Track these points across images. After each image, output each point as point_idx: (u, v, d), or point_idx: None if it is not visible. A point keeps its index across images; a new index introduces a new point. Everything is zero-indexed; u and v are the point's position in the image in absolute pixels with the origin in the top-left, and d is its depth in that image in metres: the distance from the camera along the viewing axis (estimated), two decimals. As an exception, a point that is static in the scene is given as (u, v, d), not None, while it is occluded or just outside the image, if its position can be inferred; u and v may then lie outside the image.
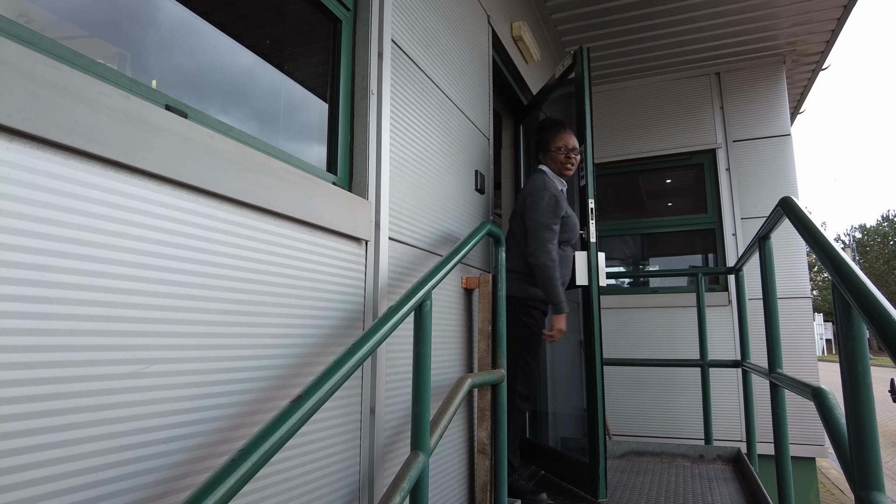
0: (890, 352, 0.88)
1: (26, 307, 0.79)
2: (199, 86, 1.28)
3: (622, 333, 4.78)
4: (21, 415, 0.78)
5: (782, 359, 2.38)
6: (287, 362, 1.29)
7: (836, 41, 4.39)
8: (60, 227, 0.84)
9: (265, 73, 1.50)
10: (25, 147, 0.80)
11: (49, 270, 0.82)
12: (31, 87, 0.79)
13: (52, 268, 0.82)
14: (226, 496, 0.87)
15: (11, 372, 0.77)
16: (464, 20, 2.56)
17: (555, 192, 2.59)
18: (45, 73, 0.81)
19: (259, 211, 1.23)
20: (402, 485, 1.39)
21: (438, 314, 2.11)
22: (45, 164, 0.82)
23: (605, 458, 2.57)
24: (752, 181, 4.62)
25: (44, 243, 0.82)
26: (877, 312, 0.99)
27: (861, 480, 1.18)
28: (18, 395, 0.78)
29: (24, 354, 0.79)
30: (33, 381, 0.79)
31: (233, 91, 1.39)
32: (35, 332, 0.80)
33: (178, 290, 1.03)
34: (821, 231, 1.52)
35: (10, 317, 0.77)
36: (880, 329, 0.95)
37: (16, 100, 0.77)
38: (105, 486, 0.88)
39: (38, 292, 0.81)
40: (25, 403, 0.78)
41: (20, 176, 0.79)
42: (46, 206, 0.82)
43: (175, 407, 1.02)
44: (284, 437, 0.99)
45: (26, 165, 0.80)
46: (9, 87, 0.77)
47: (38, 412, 0.80)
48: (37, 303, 0.80)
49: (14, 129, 0.77)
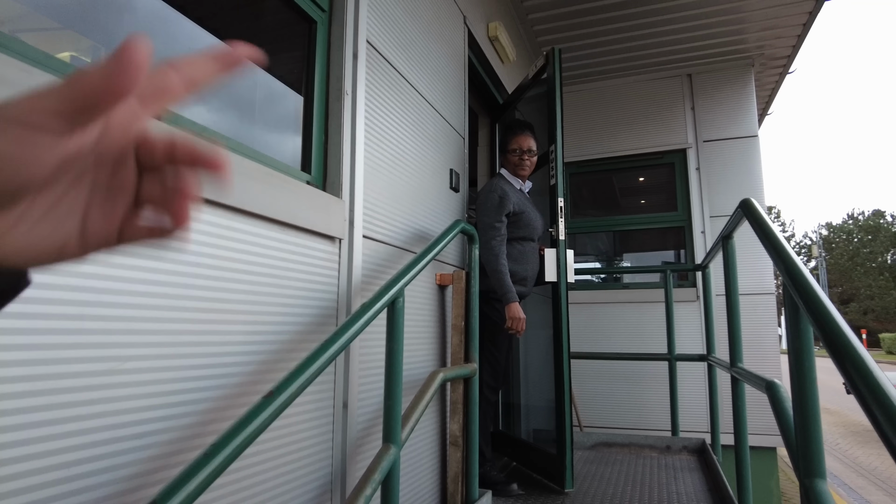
0: (830, 351, 0.95)
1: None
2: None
3: (594, 328, 4.89)
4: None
5: (743, 353, 2.48)
6: (260, 359, 1.32)
7: (801, 46, 4.53)
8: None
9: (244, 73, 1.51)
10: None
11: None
12: (3, 91, 0.81)
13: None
14: (198, 489, 0.91)
15: (-14, 370, 0.79)
16: (440, 21, 2.59)
17: (501, 194, 2.69)
18: (18, 78, 0.83)
19: (231, 210, 1.25)
20: (373, 476, 1.43)
21: (412, 310, 2.15)
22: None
23: (571, 450, 2.64)
24: (721, 180, 4.75)
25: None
26: (821, 315, 1.06)
27: (805, 468, 1.26)
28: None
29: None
30: (4, 380, 0.81)
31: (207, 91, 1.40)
32: (6, 331, 0.82)
33: (150, 288, 1.06)
34: (776, 233, 1.59)
35: (-16, 316, 0.79)
36: (823, 331, 1.02)
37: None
38: (77, 482, 0.90)
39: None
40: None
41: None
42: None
43: (148, 403, 1.04)
44: (256, 431, 1.03)
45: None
46: (-18, 91, 0.78)
47: (9, 410, 0.82)
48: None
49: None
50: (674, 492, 2.79)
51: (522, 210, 2.76)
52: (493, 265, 2.60)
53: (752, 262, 4.49)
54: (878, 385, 0.79)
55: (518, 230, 2.76)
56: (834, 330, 0.98)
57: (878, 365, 0.83)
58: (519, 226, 2.76)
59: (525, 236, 2.79)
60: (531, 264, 2.81)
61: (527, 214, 2.78)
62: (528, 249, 2.81)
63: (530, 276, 2.82)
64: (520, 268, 2.75)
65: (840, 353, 0.91)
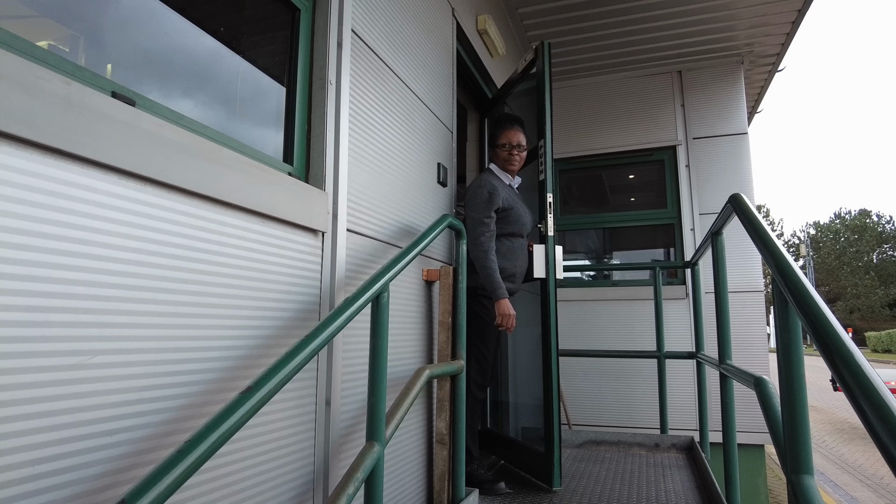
0: (819, 346, 0.93)
1: (-43, 297, 0.77)
2: (152, 72, 1.25)
3: (584, 325, 4.88)
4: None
5: (732, 350, 2.47)
6: (239, 353, 1.28)
7: (790, 44, 4.54)
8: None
9: (222, 61, 1.47)
10: (-44, 132, 0.77)
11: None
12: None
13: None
14: (170, 488, 0.87)
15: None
16: (428, 12, 2.56)
17: (490, 189, 2.67)
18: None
19: (209, 200, 1.21)
20: (356, 475, 1.40)
21: (399, 306, 2.12)
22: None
23: (559, 448, 2.62)
24: (710, 177, 4.75)
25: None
26: (811, 310, 1.04)
27: (793, 464, 1.24)
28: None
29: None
30: (-35, 373, 0.77)
31: (188, 79, 1.36)
32: (-33, 322, 0.78)
33: (122, 280, 1.02)
34: (766, 228, 1.58)
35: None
36: (812, 325, 1.00)
37: (-55, 83, 0.75)
38: (44, 480, 0.86)
39: (-29, 282, 0.78)
40: (-43, 396, 0.76)
41: (-50, 162, 0.77)
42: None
43: (119, 399, 1.00)
44: (233, 427, 0.99)
45: (-43, 151, 0.77)
46: (-63, 69, 0.74)
47: (-30, 405, 0.78)
48: (-31, 293, 0.78)
49: (-57, 114, 0.75)
50: (662, 489, 2.78)
51: (511, 206, 2.73)
52: (482, 261, 2.58)
53: (742, 259, 4.50)
54: (866, 380, 0.78)
55: (507, 226, 2.74)
56: (823, 324, 0.96)
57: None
58: (508, 222, 2.74)
59: (514, 232, 2.77)
60: (520, 261, 2.79)
61: (516, 210, 2.75)
62: (517, 246, 2.79)
63: (519, 272, 2.80)
64: (508, 264, 2.73)
65: (829, 347, 0.89)
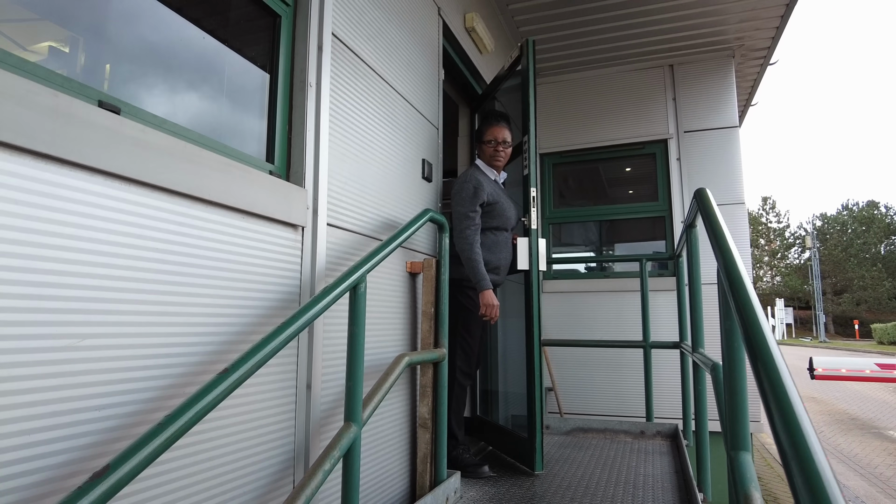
0: (744, 336, 0.99)
1: (-41, 286, 0.88)
2: (138, 78, 1.36)
3: (576, 316, 4.97)
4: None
5: (705, 340, 2.57)
6: (220, 339, 1.39)
7: (780, 37, 4.58)
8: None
9: (207, 66, 1.57)
10: (-44, 141, 0.88)
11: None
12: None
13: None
14: (152, 455, 0.97)
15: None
16: (412, 12, 2.64)
17: (475, 184, 2.75)
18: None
19: (191, 199, 1.32)
20: (332, 452, 1.51)
21: (383, 297, 2.23)
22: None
23: (541, 433, 2.73)
24: (701, 170, 4.82)
25: (-25, 229, 0.90)
26: (742, 303, 1.11)
27: (733, 441, 1.34)
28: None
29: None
30: (-33, 353, 0.88)
31: (173, 83, 1.46)
32: (-32, 308, 0.89)
33: (109, 271, 1.12)
34: (720, 223, 1.67)
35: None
36: (741, 314, 1.07)
37: (-54, 98, 0.85)
38: (37, 447, 0.98)
39: (-29, 273, 0.89)
40: (-41, 372, 0.87)
41: (-49, 167, 0.87)
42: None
43: (108, 377, 1.11)
44: (209, 405, 1.10)
45: (-43, 158, 0.88)
46: (-62, 86, 0.84)
47: (-29, 380, 0.89)
48: (-31, 282, 0.89)
49: (-56, 125, 0.85)
50: (641, 474, 2.89)
51: (496, 200, 2.82)
52: (468, 254, 2.67)
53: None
54: (775, 369, 0.82)
55: (492, 220, 2.83)
56: (751, 320, 1.02)
57: (869, 355, 0.85)
58: (493, 216, 2.83)
59: (498, 226, 2.86)
60: (504, 254, 2.89)
61: (500, 205, 2.84)
62: (502, 239, 2.88)
63: (503, 265, 2.89)
64: (493, 257, 2.83)
65: (752, 341, 0.94)
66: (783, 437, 0.72)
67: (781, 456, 0.71)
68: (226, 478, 1.40)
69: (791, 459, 0.68)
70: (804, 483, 0.64)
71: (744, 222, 4.63)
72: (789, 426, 0.73)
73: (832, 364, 9.96)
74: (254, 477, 1.50)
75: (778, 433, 0.73)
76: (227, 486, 1.40)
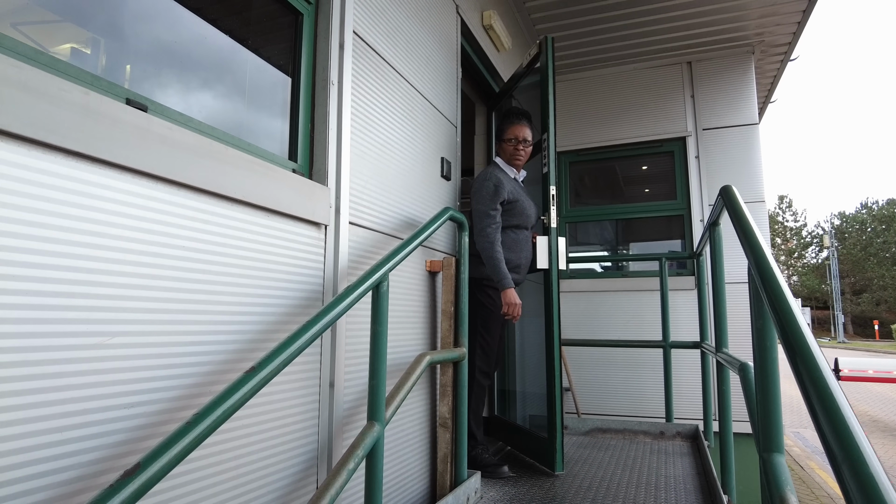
0: (781, 336, 0.97)
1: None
2: (166, 77, 1.36)
3: (595, 316, 4.93)
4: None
5: (729, 340, 2.52)
6: (245, 338, 1.39)
7: (802, 33, 4.51)
8: (24, 211, 0.93)
9: (231, 65, 1.58)
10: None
11: (13, 251, 0.91)
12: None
13: (16, 248, 0.91)
14: (181, 454, 0.97)
15: (-19, 341, 0.86)
16: (430, 10, 2.63)
17: (496, 182, 2.74)
18: (7, 72, 0.89)
19: (215, 196, 1.32)
20: (356, 452, 1.50)
21: (403, 295, 2.22)
22: (9, 155, 0.91)
23: (562, 434, 2.71)
24: (720, 168, 4.75)
25: (8, 227, 0.90)
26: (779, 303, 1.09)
27: (765, 443, 1.31)
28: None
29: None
30: (1, 350, 0.89)
31: (197, 81, 1.47)
32: (3, 306, 0.89)
33: (137, 269, 1.12)
34: (750, 221, 1.63)
35: (-22, 292, 0.86)
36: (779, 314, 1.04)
37: (-20, 96, 0.85)
38: (70, 445, 0.98)
39: (3, 271, 0.89)
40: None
41: (-14, 165, 0.87)
42: (10, 192, 0.91)
43: (136, 376, 1.11)
44: (237, 404, 1.10)
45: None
46: (-27, 84, 0.85)
47: (4, 378, 0.89)
48: (3, 280, 0.89)
49: (-21, 123, 0.86)
50: (662, 475, 2.85)
51: (516, 199, 2.80)
52: (489, 252, 2.66)
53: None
54: (826, 389, 0.78)
55: (512, 218, 2.81)
56: (788, 319, 0.99)
57: (892, 356, 0.82)
58: (513, 214, 2.81)
59: (519, 224, 2.84)
60: (524, 252, 2.86)
61: (520, 203, 2.82)
62: (522, 238, 2.86)
63: (524, 263, 2.87)
64: (513, 255, 2.81)
65: (791, 343, 0.91)
66: (832, 439, 0.70)
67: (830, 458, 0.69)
68: (252, 476, 1.40)
69: (842, 463, 0.66)
70: (858, 488, 0.62)
71: (764, 221, 4.56)
72: (838, 428, 0.71)
73: (859, 365, 9.73)
74: (279, 476, 1.49)
75: (826, 436, 0.71)
76: (253, 485, 1.40)
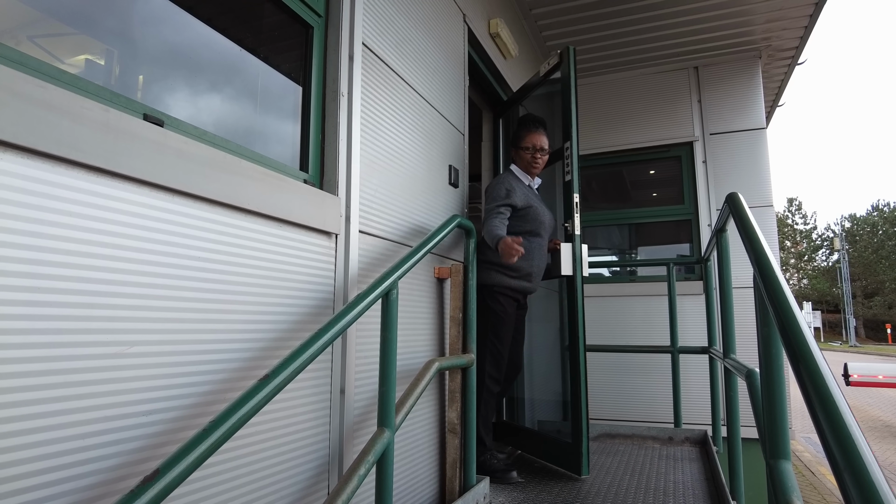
0: (785, 345, 0.98)
1: (20, 296, 0.91)
2: (176, 91, 1.40)
3: (604, 321, 4.93)
4: (16, 388, 0.90)
5: (737, 345, 2.53)
6: (258, 346, 1.42)
7: (809, 37, 4.51)
8: (49, 226, 0.96)
9: (243, 78, 1.61)
10: (18, 157, 0.92)
11: (39, 264, 0.94)
12: (21, 104, 0.91)
13: (41, 262, 0.95)
14: (198, 460, 1.00)
15: (8, 352, 0.89)
16: (437, 20, 2.66)
17: (508, 187, 2.77)
18: (33, 92, 0.93)
19: (230, 208, 1.35)
20: (367, 458, 1.53)
21: (411, 302, 2.24)
22: (36, 172, 0.94)
23: (587, 438, 2.72)
24: (728, 173, 4.75)
25: (35, 241, 0.94)
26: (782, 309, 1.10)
27: (772, 450, 1.32)
28: (14, 372, 0.90)
29: (19, 337, 0.91)
30: (26, 360, 0.92)
31: (210, 94, 1.50)
32: (28, 317, 0.92)
33: (155, 280, 1.16)
34: (756, 231, 1.64)
35: (5, 304, 0.89)
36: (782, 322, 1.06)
37: (7, 116, 0.89)
38: (91, 451, 1.01)
39: (30, 283, 0.93)
40: (20, 378, 0.91)
41: (13, 182, 0.91)
42: (37, 208, 0.94)
43: (153, 384, 1.14)
44: (252, 410, 1.12)
45: (18, 173, 0.92)
46: (1, 105, 0.88)
47: (30, 386, 0.92)
48: (29, 292, 0.93)
49: (6, 142, 0.89)
50: (671, 480, 2.85)
51: (530, 204, 2.81)
52: (488, 226, 2.63)
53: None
54: (828, 398, 0.80)
55: (525, 224, 2.81)
56: (791, 325, 1.01)
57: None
58: (526, 220, 2.81)
59: (532, 230, 2.83)
60: (537, 260, 2.85)
61: (534, 209, 2.83)
62: (535, 245, 2.85)
63: (536, 271, 2.86)
64: (525, 263, 2.79)
65: (793, 347, 0.93)
66: (834, 447, 0.72)
67: (832, 464, 0.70)
68: (265, 482, 1.43)
69: (844, 470, 0.67)
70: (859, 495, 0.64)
71: (772, 225, 4.55)
72: (840, 436, 0.72)
73: (868, 370, 9.66)
74: (291, 481, 1.52)
75: (828, 443, 0.73)
76: (267, 490, 1.43)
